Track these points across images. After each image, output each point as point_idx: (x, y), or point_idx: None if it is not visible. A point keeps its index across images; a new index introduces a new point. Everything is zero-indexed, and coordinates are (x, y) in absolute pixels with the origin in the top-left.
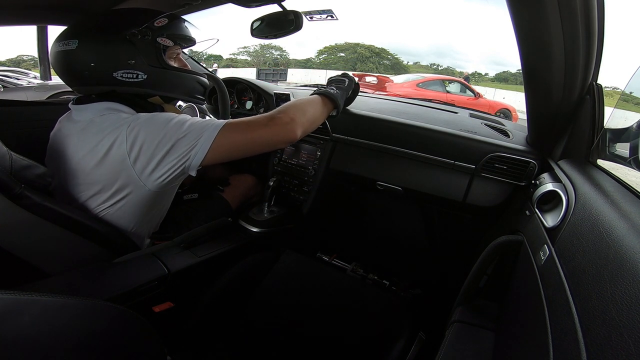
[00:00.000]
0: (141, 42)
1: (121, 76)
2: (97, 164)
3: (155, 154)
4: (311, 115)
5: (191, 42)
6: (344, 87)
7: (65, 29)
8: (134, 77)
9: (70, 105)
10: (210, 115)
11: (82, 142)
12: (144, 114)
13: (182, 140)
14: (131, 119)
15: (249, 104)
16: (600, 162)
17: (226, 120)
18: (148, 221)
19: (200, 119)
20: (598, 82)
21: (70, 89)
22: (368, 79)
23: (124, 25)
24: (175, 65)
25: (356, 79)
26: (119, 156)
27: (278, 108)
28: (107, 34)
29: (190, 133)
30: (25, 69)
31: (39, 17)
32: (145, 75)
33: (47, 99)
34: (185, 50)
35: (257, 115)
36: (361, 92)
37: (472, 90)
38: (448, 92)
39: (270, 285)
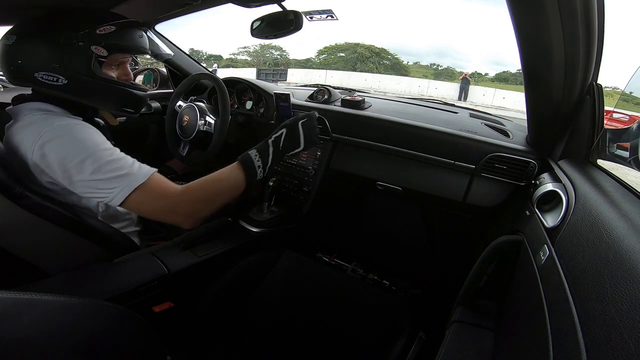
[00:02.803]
0: (74, 47)
1: (41, 77)
2: (29, 163)
3: (66, 176)
4: (220, 203)
5: (139, 52)
6: (283, 144)
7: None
8: (54, 80)
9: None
10: (211, 115)
11: (19, 142)
12: (64, 124)
13: (98, 180)
14: (45, 131)
15: (249, 104)
16: (600, 162)
17: (145, 179)
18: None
19: (122, 160)
20: (598, 82)
21: None
22: None
23: (63, 27)
24: (114, 74)
25: (316, 114)
26: (31, 161)
27: (193, 189)
28: (43, 33)
29: (107, 180)
30: None
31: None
32: (67, 81)
33: None
34: (186, 50)
35: (170, 190)
36: (361, 92)
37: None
38: None
39: (270, 285)
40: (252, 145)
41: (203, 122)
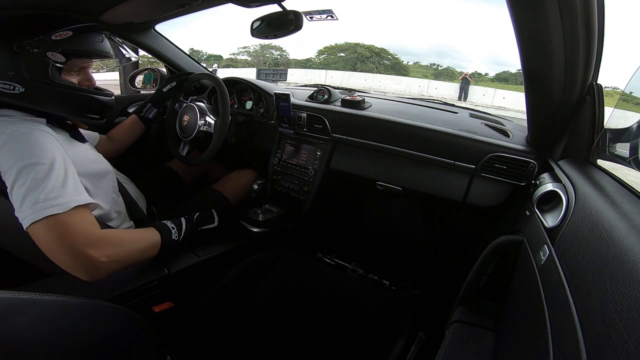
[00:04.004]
0: (29, 55)
1: None
2: None
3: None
4: (132, 256)
5: (99, 57)
6: (197, 220)
7: None
8: (10, 88)
9: None
10: (211, 115)
11: None
12: (16, 131)
13: (20, 194)
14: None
15: (248, 104)
16: (600, 162)
17: (62, 211)
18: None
19: (54, 182)
20: (598, 82)
21: None
22: None
23: (17, 34)
24: (75, 80)
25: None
26: None
27: (107, 236)
28: None
29: (24, 197)
30: None
31: None
32: (23, 89)
33: None
34: (186, 50)
35: (83, 232)
36: (361, 92)
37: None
38: None
39: (270, 285)
40: (252, 145)
41: (203, 122)
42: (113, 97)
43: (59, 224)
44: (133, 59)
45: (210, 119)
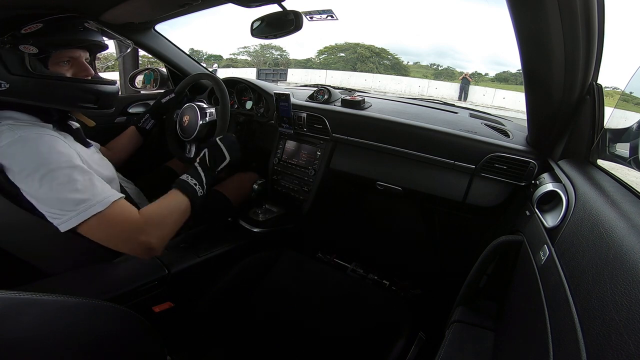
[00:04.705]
0: (4, 51)
1: None
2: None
3: (27, 188)
4: (175, 229)
5: (77, 44)
6: (207, 180)
7: None
8: None
9: None
10: (211, 105)
11: None
12: (26, 135)
13: (54, 198)
14: (5, 142)
15: (248, 104)
16: (600, 162)
17: (105, 207)
18: None
19: (83, 182)
20: (598, 82)
21: None
22: None
23: None
24: (68, 72)
25: (232, 136)
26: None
27: (149, 219)
28: None
29: (62, 201)
30: None
31: None
32: (8, 84)
33: None
34: (186, 50)
35: (132, 219)
36: (361, 92)
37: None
38: None
39: (270, 285)
40: (252, 145)
41: (204, 120)
42: (115, 85)
43: (104, 220)
44: (127, 48)
45: (210, 109)
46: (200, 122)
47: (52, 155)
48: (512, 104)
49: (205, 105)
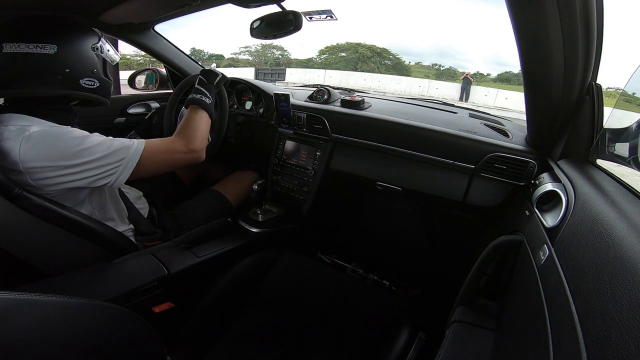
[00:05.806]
0: (103, 55)
1: (85, 83)
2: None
3: (62, 166)
4: (206, 135)
5: None
6: (210, 92)
7: None
8: (93, 85)
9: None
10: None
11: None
12: (49, 128)
13: (101, 159)
14: (26, 135)
15: (248, 104)
16: (599, 162)
17: (145, 142)
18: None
19: (113, 140)
20: (597, 82)
21: None
22: None
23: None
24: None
25: (220, 74)
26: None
27: (185, 131)
28: (83, 39)
29: (113, 153)
30: None
31: None
32: (99, 83)
33: None
34: (188, 50)
35: (172, 139)
36: (361, 92)
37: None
38: None
39: (270, 285)
40: (252, 145)
41: None
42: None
43: (148, 160)
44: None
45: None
46: None
47: (74, 140)
48: (515, 105)
49: None
